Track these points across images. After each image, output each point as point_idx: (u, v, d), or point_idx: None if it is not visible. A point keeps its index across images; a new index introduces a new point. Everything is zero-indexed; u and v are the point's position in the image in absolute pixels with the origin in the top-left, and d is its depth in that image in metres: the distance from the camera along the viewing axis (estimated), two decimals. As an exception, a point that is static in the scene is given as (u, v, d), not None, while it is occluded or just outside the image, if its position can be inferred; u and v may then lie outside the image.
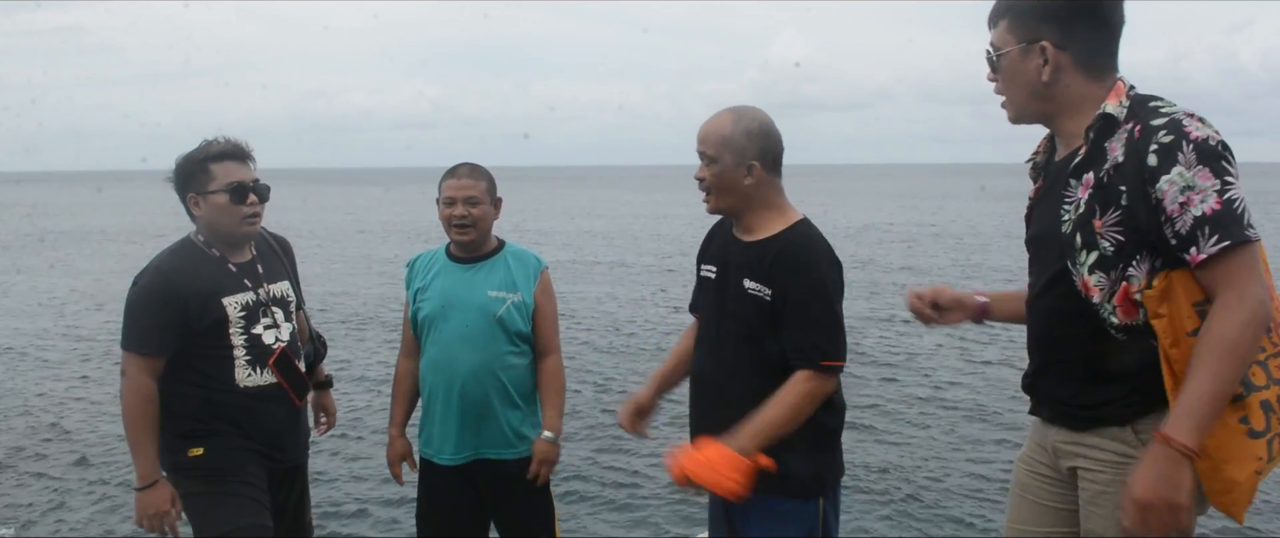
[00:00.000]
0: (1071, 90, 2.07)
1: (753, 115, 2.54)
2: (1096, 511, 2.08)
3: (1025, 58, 2.07)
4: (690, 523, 5.54)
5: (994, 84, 2.17)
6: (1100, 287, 1.99)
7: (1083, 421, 2.10)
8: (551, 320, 3.16)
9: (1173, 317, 1.91)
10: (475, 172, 3.09)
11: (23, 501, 6.05)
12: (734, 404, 2.54)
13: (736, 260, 2.57)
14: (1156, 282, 1.92)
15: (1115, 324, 1.99)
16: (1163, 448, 1.84)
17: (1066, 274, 2.05)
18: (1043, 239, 2.15)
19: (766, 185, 2.54)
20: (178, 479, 2.83)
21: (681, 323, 11.80)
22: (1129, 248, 1.95)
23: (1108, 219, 1.97)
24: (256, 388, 2.85)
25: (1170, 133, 1.90)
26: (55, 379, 9.47)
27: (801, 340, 2.44)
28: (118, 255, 22.30)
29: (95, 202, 56.54)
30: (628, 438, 7.27)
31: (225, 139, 2.88)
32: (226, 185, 2.81)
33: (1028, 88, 2.10)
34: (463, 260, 3.13)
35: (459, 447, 3.08)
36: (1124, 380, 2.01)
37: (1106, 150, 1.99)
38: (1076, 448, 2.12)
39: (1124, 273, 1.96)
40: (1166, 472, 1.83)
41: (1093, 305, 2.01)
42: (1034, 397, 2.27)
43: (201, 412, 2.81)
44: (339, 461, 6.62)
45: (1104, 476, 2.06)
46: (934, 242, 25.16)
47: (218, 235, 2.87)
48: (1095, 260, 1.99)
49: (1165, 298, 1.91)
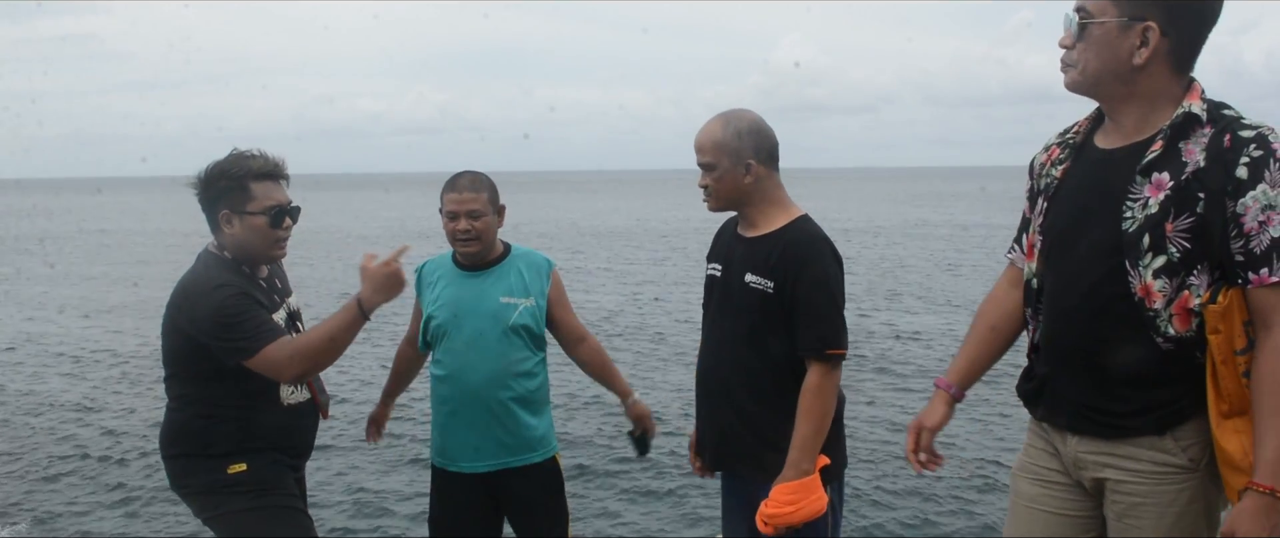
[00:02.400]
0: (1156, 80, 1.97)
1: (741, 116, 2.59)
2: (1134, 522, 2.03)
3: (1123, 33, 1.95)
4: (700, 524, 5.54)
5: (1066, 49, 2.04)
6: (1163, 293, 1.93)
7: (1116, 430, 2.03)
8: (571, 310, 3.21)
9: (1227, 333, 1.89)
10: (476, 183, 3.04)
11: (24, 501, 6.05)
12: (737, 400, 2.61)
13: (739, 256, 2.63)
14: (1222, 297, 1.89)
15: (1169, 334, 1.94)
16: (1266, 499, 1.85)
17: (1117, 275, 1.96)
18: (1084, 229, 2.04)
19: (766, 181, 2.59)
20: (216, 500, 2.73)
21: (686, 325, 11.87)
22: (1194, 256, 1.91)
23: (1180, 224, 1.91)
24: (297, 404, 2.81)
25: (1260, 148, 1.86)
26: (55, 379, 9.49)
27: (807, 333, 2.50)
28: (117, 259, 22.33)
29: (95, 204, 56.50)
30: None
31: (262, 155, 2.75)
32: (267, 208, 2.71)
33: (1114, 64, 1.97)
34: (471, 269, 3.11)
35: (478, 455, 3.06)
36: (1165, 389, 1.97)
37: (1181, 151, 1.92)
38: (1106, 458, 2.05)
39: (1186, 281, 1.92)
40: (1275, 522, 1.86)
41: (1145, 311, 1.95)
42: (1042, 403, 2.18)
43: (239, 434, 2.72)
44: (344, 466, 6.63)
45: (1143, 487, 2.01)
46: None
47: (245, 254, 2.76)
48: (1162, 265, 1.93)
49: (1226, 315, 1.89)
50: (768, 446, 2.56)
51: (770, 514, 2.48)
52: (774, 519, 2.48)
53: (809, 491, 2.48)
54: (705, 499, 5.85)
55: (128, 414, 8.16)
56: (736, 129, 2.56)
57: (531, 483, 3.10)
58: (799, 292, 2.49)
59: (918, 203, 51.63)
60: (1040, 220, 2.17)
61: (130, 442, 7.32)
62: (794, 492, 2.47)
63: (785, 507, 2.47)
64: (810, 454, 2.49)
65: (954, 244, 25.09)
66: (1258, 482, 1.86)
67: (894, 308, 13.79)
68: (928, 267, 19.59)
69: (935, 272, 18.72)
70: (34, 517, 5.82)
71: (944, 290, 15.84)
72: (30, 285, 17.99)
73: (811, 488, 2.48)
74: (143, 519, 5.77)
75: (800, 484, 2.47)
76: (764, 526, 2.50)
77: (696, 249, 22.83)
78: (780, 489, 2.48)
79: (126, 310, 13.55)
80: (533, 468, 3.09)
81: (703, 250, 2.94)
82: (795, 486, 2.47)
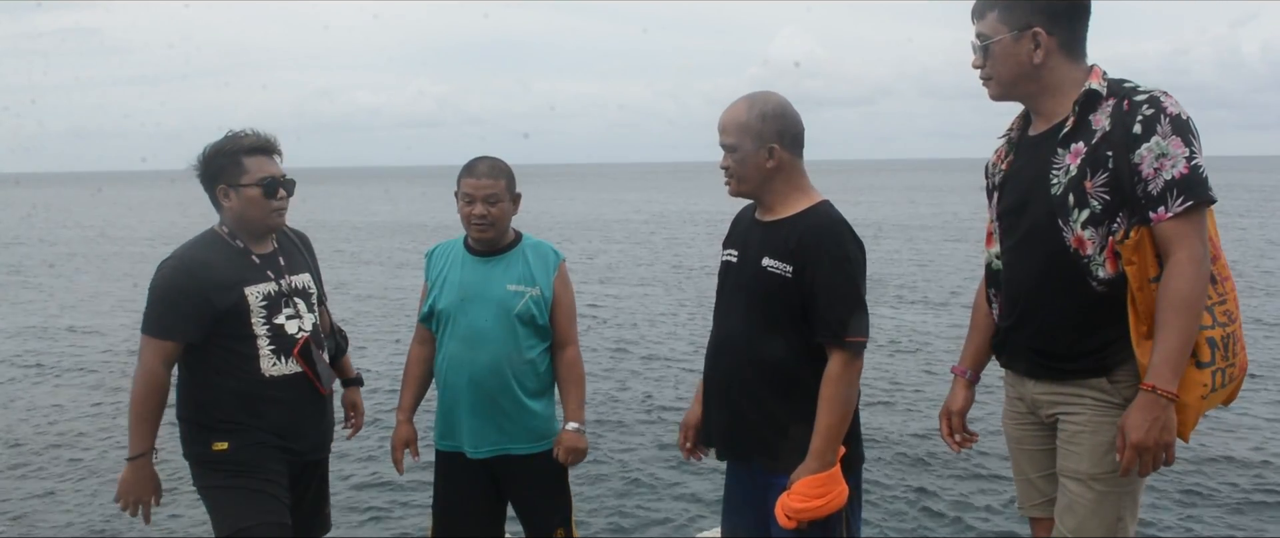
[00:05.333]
0: (1057, 72, 2.33)
1: (767, 99, 2.54)
2: (1073, 448, 2.34)
3: (1017, 43, 2.32)
4: (702, 517, 5.56)
5: (980, 69, 2.41)
6: (1093, 240, 2.24)
7: (1063, 372, 2.34)
8: (569, 312, 3.15)
9: (1140, 264, 2.20)
10: (495, 169, 3.06)
11: (21, 502, 6.06)
12: (749, 388, 2.55)
13: (757, 240, 2.57)
14: (1133, 234, 2.20)
15: (1101, 277, 2.25)
16: (1151, 396, 2.14)
17: (1051, 233, 2.29)
18: (1026, 204, 2.37)
19: (789, 166, 2.54)
20: (200, 471, 2.87)
21: (694, 320, 11.89)
22: (1114, 206, 2.22)
23: (1097, 180, 2.23)
24: (282, 377, 2.87)
25: (1151, 107, 2.19)
26: (53, 380, 9.50)
27: (829, 317, 2.44)
28: (117, 257, 22.33)
29: (95, 202, 56.55)
30: (640, 433, 7.31)
31: (254, 132, 2.91)
32: (259, 179, 2.85)
33: (1019, 69, 2.34)
34: (481, 254, 3.11)
35: (479, 441, 3.07)
36: (1104, 331, 2.27)
37: (1091, 122, 2.27)
38: (1057, 397, 2.37)
39: (1110, 228, 2.23)
40: (1158, 416, 2.14)
41: (1081, 261, 2.26)
42: (1006, 352, 2.52)
43: (228, 403, 2.83)
44: (354, 456, 6.63)
45: (1082, 416, 2.32)
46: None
47: (245, 227, 2.90)
48: (1088, 217, 2.24)
49: (1137, 248, 2.20)
50: (780, 435, 2.51)
51: (796, 508, 2.42)
52: (799, 513, 2.42)
53: (834, 483, 2.44)
54: (709, 489, 5.88)
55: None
56: (761, 111, 2.52)
57: (535, 471, 3.10)
58: (819, 277, 2.44)
59: (914, 195, 51.60)
60: (996, 210, 2.50)
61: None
62: (821, 485, 2.42)
63: (813, 501, 2.41)
64: (834, 445, 2.44)
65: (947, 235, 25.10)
66: (1145, 381, 2.16)
67: (895, 300, 13.79)
68: (914, 262, 19.60)
69: (922, 267, 18.72)
70: (32, 517, 5.82)
71: (942, 285, 15.85)
72: (30, 284, 18.02)
73: (836, 480, 2.44)
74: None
75: (826, 477, 2.43)
76: (786, 520, 2.44)
77: (703, 236, 22.95)
78: (806, 482, 2.43)
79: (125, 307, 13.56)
80: (537, 457, 3.09)
81: (701, 242, 2.90)
82: (822, 478, 2.42)
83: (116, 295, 15.37)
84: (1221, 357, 2.23)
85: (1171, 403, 2.14)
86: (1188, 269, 2.14)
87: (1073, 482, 2.32)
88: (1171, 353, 2.13)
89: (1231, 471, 6.22)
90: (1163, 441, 2.15)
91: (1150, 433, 2.13)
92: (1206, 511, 5.62)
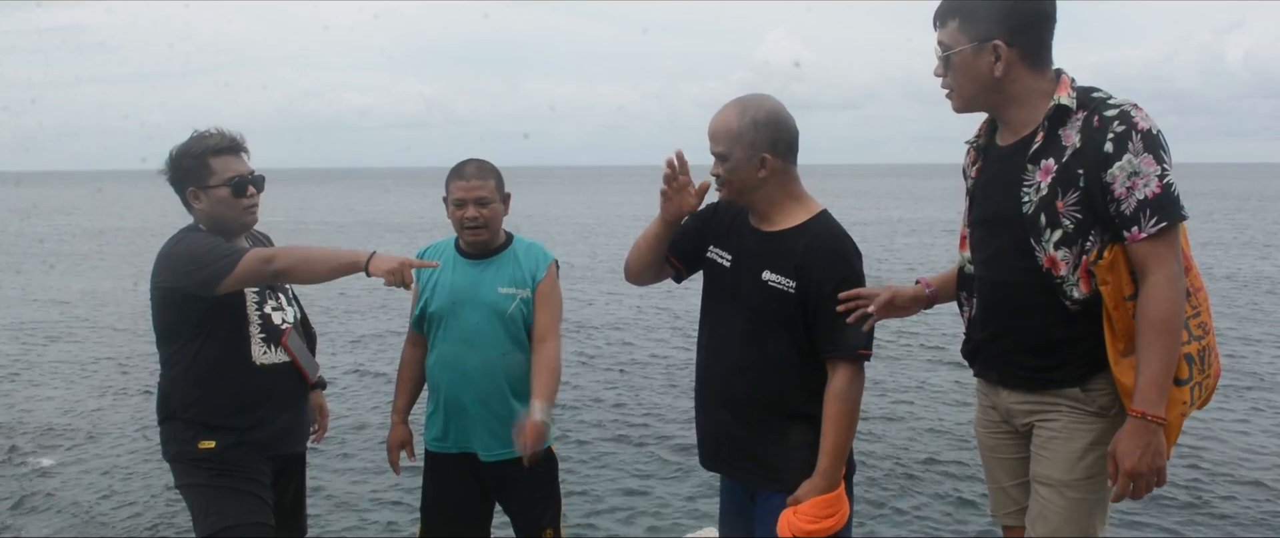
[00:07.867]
0: (1020, 83, 2.27)
1: (759, 104, 2.44)
2: (1046, 454, 2.33)
3: (978, 55, 2.26)
4: (694, 520, 5.56)
5: (941, 78, 2.36)
6: (1066, 261, 2.22)
7: (1038, 383, 2.33)
8: (553, 309, 3.10)
9: (1115, 283, 2.18)
10: (483, 170, 3.06)
11: (16, 499, 6.10)
12: (741, 400, 2.50)
13: (753, 250, 2.49)
14: (1106, 253, 2.18)
15: (1075, 297, 2.23)
16: (1141, 422, 2.13)
17: (1025, 251, 2.26)
18: (998, 219, 2.33)
19: (782, 175, 2.45)
20: (183, 470, 2.87)
21: (686, 319, 11.88)
22: (1086, 225, 2.19)
23: (1068, 200, 2.19)
24: (272, 366, 2.90)
25: (1123, 123, 2.14)
26: (53, 379, 9.53)
27: (837, 336, 2.40)
28: (117, 256, 22.33)
29: (95, 201, 56.42)
30: (633, 435, 7.35)
31: (218, 131, 2.91)
32: (227, 180, 2.85)
33: (980, 82, 2.28)
34: (472, 256, 3.11)
35: (471, 442, 3.08)
36: (1078, 344, 2.26)
37: (1061, 138, 2.22)
38: (1032, 406, 2.36)
39: (1083, 247, 2.20)
40: (1150, 442, 2.13)
41: (1053, 280, 2.23)
42: (979, 362, 2.50)
43: (221, 399, 2.84)
44: (338, 456, 6.67)
45: (1056, 423, 2.31)
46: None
47: (220, 227, 2.90)
48: (1060, 238, 2.21)
49: (1112, 268, 2.18)
50: (771, 448, 2.47)
51: (807, 530, 2.37)
52: (811, 535, 2.37)
53: (841, 502, 2.40)
54: (697, 492, 5.91)
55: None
56: (752, 119, 2.41)
57: (524, 472, 3.07)
58: (826, 293, 2.39)
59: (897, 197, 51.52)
60: (968, 217, 2.47)
61: (131, 442, 7.38)
62: (830, 506, 2.38)
63: (824, 522, 2.37)
64: (841, 464, 2.40)
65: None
66: (1134, 408, 2.14)
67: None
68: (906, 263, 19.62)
69: (912, 269, 18.74)
70: (32, 516, 5.86)
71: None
72: (31, 282, 18.01)
73: (842, 499, 2.41)
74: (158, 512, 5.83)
75: (835, 497, 2.39)
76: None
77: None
78: (815, 504, 2.38)
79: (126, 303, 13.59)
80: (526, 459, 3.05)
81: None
82: (830, 498, 2.38)
83: (117, 295, 15.41)
84: (1198, 371, 2.24)
85: (1161, 427, 2.14)
86: (1166, 290, 2.13)
87: (1045, 488, 2.32)
88: (1157, 377, 2.13)
89: (1203, 476, 6.27)
90: (1155, 466, 2.15)
91: (1143, 459, 2.13)
92: (1177, 515, 5.65)
